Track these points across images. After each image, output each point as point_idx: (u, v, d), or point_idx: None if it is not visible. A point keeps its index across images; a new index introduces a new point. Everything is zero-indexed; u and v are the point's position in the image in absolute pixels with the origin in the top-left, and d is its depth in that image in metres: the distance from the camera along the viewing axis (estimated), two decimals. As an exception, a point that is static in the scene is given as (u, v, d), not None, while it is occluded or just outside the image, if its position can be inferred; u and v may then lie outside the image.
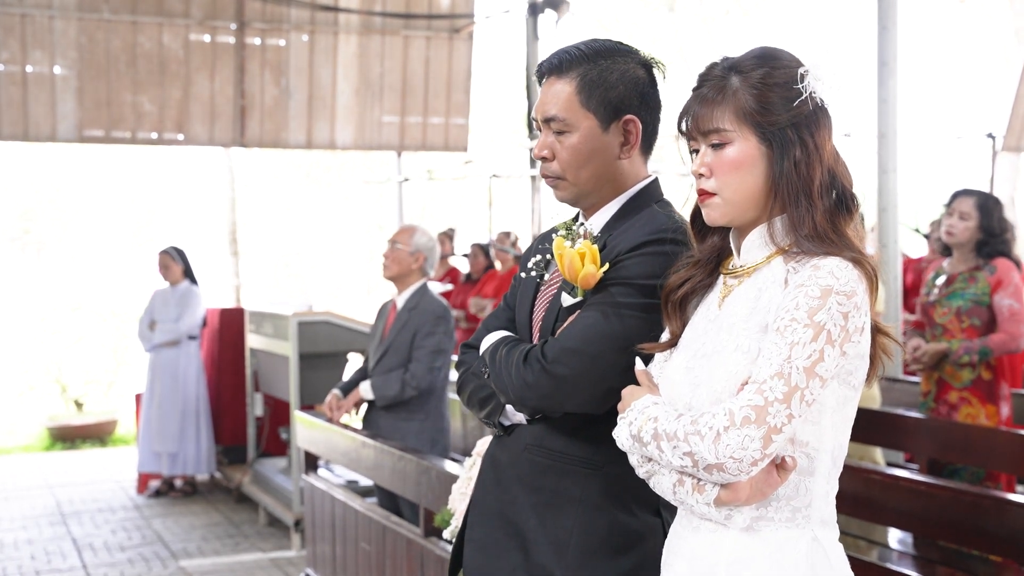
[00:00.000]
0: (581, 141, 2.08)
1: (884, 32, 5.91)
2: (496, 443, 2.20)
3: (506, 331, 2.19)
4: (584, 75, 2.07)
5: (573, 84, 2.07)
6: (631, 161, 2.12)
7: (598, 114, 2.07)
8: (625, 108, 2.09)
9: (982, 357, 4.50)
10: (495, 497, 2.14)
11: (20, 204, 19.25)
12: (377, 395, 4.76)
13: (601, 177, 2.11)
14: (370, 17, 10.11)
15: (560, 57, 2.10)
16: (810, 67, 1.72)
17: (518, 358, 2.02)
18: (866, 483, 3.57)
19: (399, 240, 4.89)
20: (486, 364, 2.12)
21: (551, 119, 2.09)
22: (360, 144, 10.45)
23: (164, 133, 9.67)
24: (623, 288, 1.98)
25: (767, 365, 1.61)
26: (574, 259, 1.98)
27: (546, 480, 2.06)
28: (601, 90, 2.07)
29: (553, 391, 1.97)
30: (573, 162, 2.09)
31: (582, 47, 2.10)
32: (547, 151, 2.10)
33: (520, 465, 2.10)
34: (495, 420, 2.15)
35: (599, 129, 2.08)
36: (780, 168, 1.70)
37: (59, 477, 8.75)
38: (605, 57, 2.09)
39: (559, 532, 2.03)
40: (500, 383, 2.05)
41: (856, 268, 1.65)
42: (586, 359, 1.94)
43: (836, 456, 1.72)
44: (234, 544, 6.52)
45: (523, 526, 2.07)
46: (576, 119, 2.07)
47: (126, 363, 14.05)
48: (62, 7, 9.12)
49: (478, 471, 2.27)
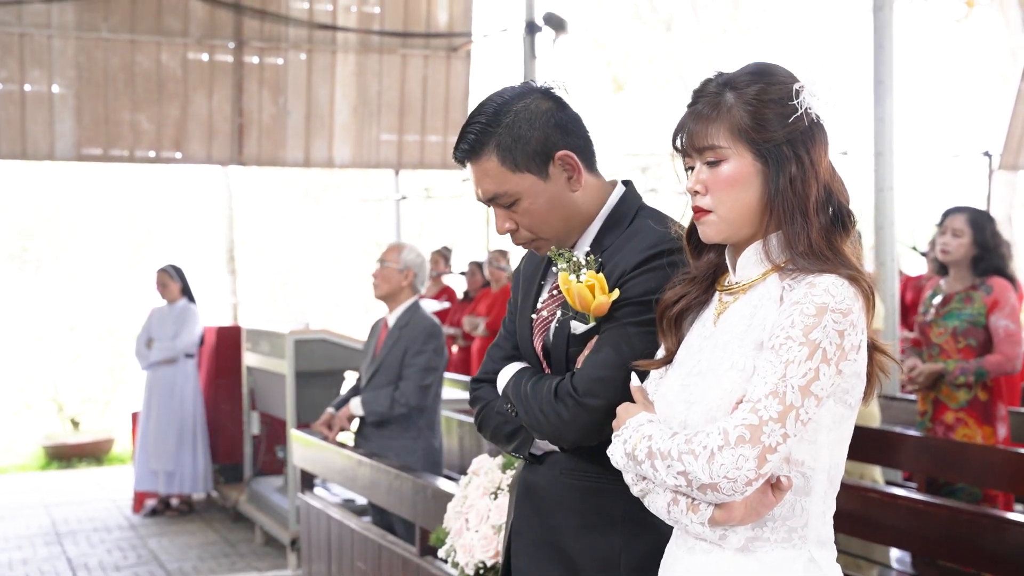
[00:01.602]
0: (532, 202, 2.09)
1: (880, 51, 5.93)
2: (528, 471, 2.18)
3: (519, 362, 2.19)
4: (499, 144, 2.07)
5: (493, 158, 2.07)
6: (584, 187, 2.11)
7: (531, 169, 2.07)
8: (551, 148, 2.08)
9: (978, 378, 4.49)
10: (537, 525, 2.13)
11: (18, 222, 19.25)
12: (367, 411, 4.77)
13: (568, 219, 2.11)
14: (368, 36, 10.14)
15: (469, 141, 2.10)
16: (805, 83, 1.70)
17: (547, 394, 2.02)
18: (864, 502, 3.56)
19: (387, 259, 4.89)
20: (510, 400, 2.12)
21: (493, 198, 2.10)
22: (358, 162, 10.46)
23: (162, 151, 9.67)
24: (635, 307, 1.98)
25: (762, 384, 1.59)
26: (583, 292, 1.99)
27: (587, 502, 2.06)
28: (520, 148, 2.06)
29: (591, 424, 1.98)
30: (537, 222, 2.11)
31: (481, 119, 2.09)
32: (509, 223, 2.12)
33: (558, 490, 2.10)
34: (525, 453, 2.15)
35: (541, 182, 2.08)
36: (776, 185, 1.69)
37: (55, 496, 8.71)
38: (505, 114, 2.08)
39: (607, 552, 2.02)
40: (534, 421, 2.05)
41: (852, 286, 1.63)
42: (616, 386, 1.94)
43: (832, 476, 1.70)
44: (230, 563, 6.49)
45: (569, 550, 2.06)
46: (515, 186, 2.08)
47: (123, 381, 14.01)
48: (60, 26, 9.14)
49: (512, 500, 2.25)
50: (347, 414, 4.84)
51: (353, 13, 10.09)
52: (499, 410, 2.18)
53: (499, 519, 2.58)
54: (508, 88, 2.14)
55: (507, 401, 2.14)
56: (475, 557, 2.63)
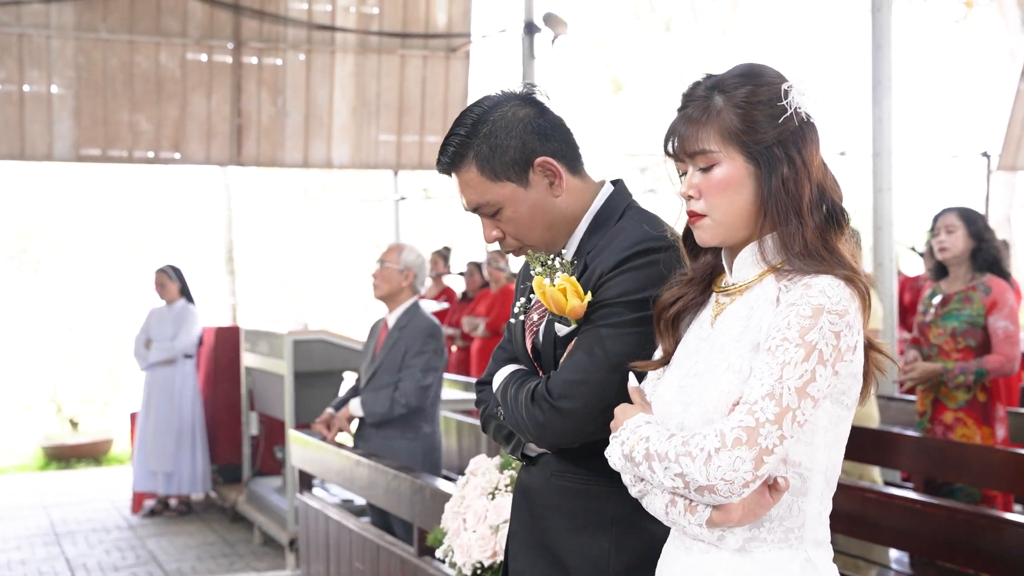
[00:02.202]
0: (514, 211, 2.09)
1: (878, 51, 5.93)
2: (524, 472, 2.21)
3: (513, 365, 2.19)
4: (477, 155, 2.07)
5: (473, 169, 2.08)
6: (567, 192, 2.11)
7: (511, 178, 2.08)
8: (530, 155, 2.08)
9: (978, 378, 4.50)
10: (530, 526, 2.14)
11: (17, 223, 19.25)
12: (366, 411, 4.76)
13: (553, 224, 2.11)
14: (367, 36, 10.14)
15: (448, 154, 2.11)
16: (794, 82, 1.69)
17: (526, 398, 2.03)
18: (862, 502, 3.56)
19: (387, 259, 4.89)
20: (499, 404, 2.14)
21: (477, 208, 2.11)
22: (357, 163, 10.46)
23: (161, 152, 9.68)
24: (612, 309, 1.97)
25: (758, 385, 1.59)
26: (556, 296, 1.98)
27: (578, 504, 2.06)
28: (499, 157, 2.07)
29: (565, 426, 1.98)
30: (522, 230, 2.11)
31: (460, 131, 2.09)
32: (497, 233, 2.13)
33: (550, 492, 2.10)
34: (520, 453, 2.17)
35: (521, 190, 2.08)
36: (769, 187, 1.69)
37: (53, 497, 8.71)
38: (483, 123, 2.08)
39: (597, 553, 2.03)
40: (516, 425, 2.07)
41: (848, 286, 1.63)
42: (591, 388, 1.95)
43: (829, 476, 1.70)
44: (229, 564, 6.49)
45: (561, 552, 2.07)
46: (496, 196, 2.08)
47: (122, 382, 14.01)
48: (59, 26, 9.14)
49: (511, 502, 2.27)
50: (347, 415, 4.84)
51: (352, 14, 10.09)
52: (491, 413, 2.21)
53: (496, 519, 2.58)
54: (488, 97, 2.14)
55: (497, 404, 2.15)
56: (472, 557, 2.63)
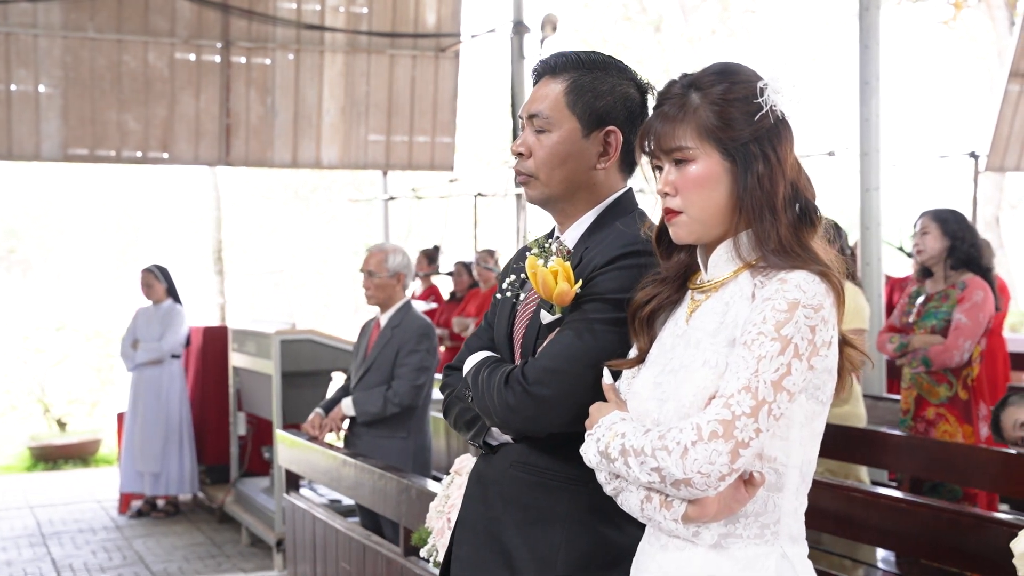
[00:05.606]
0: (559, 142, 2.09)
1: (866, 51, 5.94)
2: (482, 460, 2.18)
3: (488, 352, 2.17)
4: (576, 79, 2.09)
5: (563, 85, 2.09)
6: (607, 173, 2.12)
7: (582, 119, 2.08)
8: (609, 119, 2.09)
9: (926, 367, 4.61)
10: (481, 514, 2.12)
11: (5, 223, 19.19)
12: (359, 411, 4.75)
13: (573, 183, 2.11)
14: (356, 36, 10.13)
15: (556, 59, 2.13)
16: (769, 80, 1.71)
17: (499, 381, 2.01)
18: (848, 501, 3.56)
19: (375, 269, 4.87)
20: (469, 387, 2.11)
21: (535, 115, 2.11)
22: (346, 163, 10.45)
23: (149, 152, 9.64)
24: (598, 304, 1.97)
25: (734, 379, 1.60)
26: (547, 277, 1.97)
27: (532, 497, 2.04)
28: (589, 96, 2.08)
29: (536, 412, 1.96)
30: (548, 161, 2.09)
31: (581, 54, 2.12)
32: (524, 148, 2.12)
33: (505, 482, 2.08)
34: (480, 441, 2.14)
35: (579, 134, 2.09)
36: (744, 183, 1.70)
37: (40, 497, 8.68)
38: (601, 68, 2.11)
39: (545, 549, 2.01)
40: (483, 406, 2.04)
41: (823, 281, 1.64)
42: (567, 378, 1.93)
43: (805, 472, 1.71)
44: (216, 564, 6.47)
45: (508, 544, 2.05)
46: (559, 119, 2.09)
47: (110, 383, 13.97)
48: (47, 25, 9.11)
49: (464, 489, 2.25)
50: (339, 414, 4.83)
51: (341, 13, 10.08)
52: (458, 395, 2.18)
53: (480, 518, 2.57)
54: (621, 61, 2.16)
55: (466, 387, 2.13)
56: (456, 556, 2.62)
